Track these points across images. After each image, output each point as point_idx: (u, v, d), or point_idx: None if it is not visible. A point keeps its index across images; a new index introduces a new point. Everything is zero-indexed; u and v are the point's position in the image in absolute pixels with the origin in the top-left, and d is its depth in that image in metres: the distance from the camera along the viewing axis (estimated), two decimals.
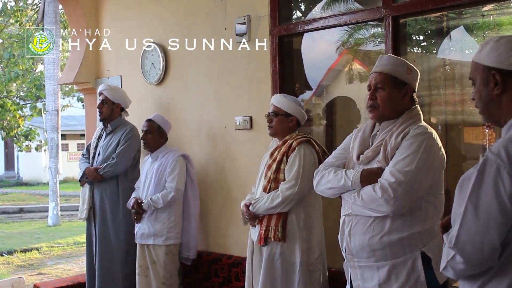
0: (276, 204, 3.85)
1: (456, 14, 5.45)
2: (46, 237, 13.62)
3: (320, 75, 5.96)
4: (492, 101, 2.09)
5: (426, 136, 2.87)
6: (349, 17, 4.53)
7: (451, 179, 5.24)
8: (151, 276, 5.04)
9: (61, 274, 9.45)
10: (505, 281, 1.93)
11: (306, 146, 3.97)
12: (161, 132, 5.20)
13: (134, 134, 5.46)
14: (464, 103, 5.48)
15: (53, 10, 15.91)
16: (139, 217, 5.10)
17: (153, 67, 5.91)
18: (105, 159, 5.40)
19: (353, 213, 2.94)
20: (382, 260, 2.87)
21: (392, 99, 2.98)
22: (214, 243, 5.39)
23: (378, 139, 2.99)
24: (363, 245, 2.89)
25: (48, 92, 16.45)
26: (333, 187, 3.04)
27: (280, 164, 3.96)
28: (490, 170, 1.90)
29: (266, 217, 3.93)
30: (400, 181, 2.74)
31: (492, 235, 1.89)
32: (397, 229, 2.83)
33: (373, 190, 2.81)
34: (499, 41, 2.08)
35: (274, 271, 3.91)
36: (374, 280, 2.90)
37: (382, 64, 3.03)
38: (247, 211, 4.02)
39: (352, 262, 2.99)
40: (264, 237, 3.90)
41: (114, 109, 5.51)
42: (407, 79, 3.01)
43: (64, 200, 20.07)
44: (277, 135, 4.14)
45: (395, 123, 2.97)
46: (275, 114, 4.09)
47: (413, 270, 2.83)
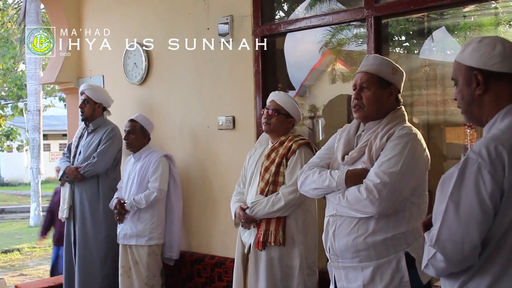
0: (277, 208, 3.78)
1: (437, 15, 5.49)
2: (28, 237, 13.54)
3: (303, 75, 5.97)
4: (474, 101, 2.11)
5: (411, 137, 2.87)
6: (331, 18, 4.54)
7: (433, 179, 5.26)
8: (134, 277, 5.02)
9: (42, 275, 9.39)
10: (486, 280, 1.94)
11: (306, 149, 3.92)
12: (143, 133, 5.18)
13: (115, 133, 5.43)
14: (446, 103, 5.51)
15: (34, 10, 15.82)
16: (122, 217, 5.08)
17: (135, 67, 5.89)
18: (86, 158, 5.36)
19: (338, 214, 2.93)
20: (366, 260, 2.87)
21: (377, 99, 2.98)
22: (197, 243, 5.38)
23: (363, 140, 2.99)
24: (348, 246, 2.88)
25: (29, 92, 16.35)
26: (317, 187, 3.02)
27: (280, 167, 3.89)
28: (471, 169, 1.91)
29: (265, 221, 3.85)
30: (385, 182, 2.74)
31: (472, 233, 1.90)
32: (381, 229, 2.83)
33: (358, 191, 2.80)
34: (481, 41, 2.09)
35: (274, 275, 3.85)
36: (358, 280, 2.90)
37: (368, 64, 3.03)
38: (244, 214, 3.91)
39: (336, 263, 2.99)
40: (263, 241, 3.83)
41: (96, 108, 5.48)
42: (393, 79, 3.01)
43: (46, 200, 19.79)
44: (272, 133, 4.06)
45: (380, 123, 2.97)
46: (277, 111, 4.01)
47: (397, 270, 2.84)
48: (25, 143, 22.61)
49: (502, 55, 2.04)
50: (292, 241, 3.84)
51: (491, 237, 1.92)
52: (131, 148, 5.21)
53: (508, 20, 5.39)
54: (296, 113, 4.07)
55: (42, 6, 14.82)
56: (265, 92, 4.76)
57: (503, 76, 2.05)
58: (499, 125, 2.03)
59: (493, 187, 1.88)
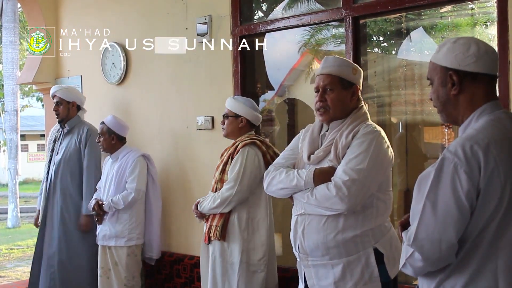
0: (216, 204, 3.94)
1: (415, 15, 5.53)
2: (5, 239, 13.40)
3: (282, 75, 5.99)
4: (450, 101, 2.12)
5: (376, 134, 2.92)
6: (310, 18, 4.55)
7: (411, 178, 5.31)
8: (113, 278, 4.99)
9: (20, 276, 9.29)
10: (463, 278, 1.97)
11: (250, 147, 4.00)
12: (111, 134, 5.13)
13: (92, 135, 5.38)
14: (423, 103, 5.56)
15: (11, 9, 15.69)
16: (100, 218, 5.05)
17: (113, 66, 5.85)
18: (65, 160, 5.34)
19: (306, 213, 2.96)
20: (336, 258, 2.90)
21: (342, 100, 3.01)
22: (176, 243, 5.37)
23: (328, 139, 3.02)
24: (318, 244, 2.91)
25: (6, 92, 16.22)
26: (285, 187, 3.04)
27: (226, 166, 4.04)
28: (448, 169, 1.93)
29: (211, 217, 4.03)
30: (354, 179, 2.78)
31: (449, 232, 1.92)
32: (350, 226, 2.87)
33: (327, 189, 2.83)
34: (456, 42, 2.11)
35: (216, 270, 3.99)
36: (329, 278, 2.93)
37: (329, 66, 3.05)
38: (194, 209, 4.11)
39: (306, 261, 3.01)
40: (208, 236, 4.01)
41: (70, 108, 5.44)
42: (354, 79, 3.05)
43: (23, 201, 19.75)
44: (230, 136, 4.20)
45: (343, 122, 3.01)
46: (226, 116, 4.17)
47: (367, 266, 2.89)
48: (2, 144, 22.42)
49: (476, 56, 2.06)
50: (233, 237, 3.95)
51: (468, 235, 1.94)
52: (104, 150, 5.20)
53: (485, 21, 5.45)
54: (246, 111, 4.13)
55: (19, 5, 14.69)
56: (244, 92, 4.77)
57: (477, 76, 2.07)
58: (474, 125, 2.05)
59: (469, 186, 1.90)
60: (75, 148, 5.35)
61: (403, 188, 5.25)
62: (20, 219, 16.00)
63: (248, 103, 4.17)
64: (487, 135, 1.96)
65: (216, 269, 3.98)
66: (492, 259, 1.94)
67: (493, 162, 1.91)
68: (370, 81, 5.36)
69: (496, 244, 1.94)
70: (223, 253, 3.96)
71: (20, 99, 18.20)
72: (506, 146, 1.95)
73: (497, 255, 1.94)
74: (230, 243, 3.94)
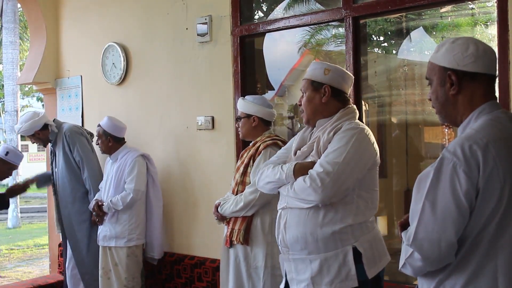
0: (239, 208, 3.84)
1: (415, 15, 5.53)
2: (6, 239, 13.42)
3: (282, 75, 5.99)
4: (448, 101, 2.13)
5: (357, 131, 2.95)
6: (310, 18, 4.55)
7: (411, 178, 5.31)
8: (113, 278, 4.99)
9: (21, 277, 9.31)
10: (463, 278, 1.97)
11: (272, 149, 3.92)
12: (107, 136, 5.14)
13: (71, 132, 5.42)
14: (424, 103, 5.56)
15: (11, 9, 15.70)
16: (101, 219, 5.06)
17: (114, 67, 5.85)
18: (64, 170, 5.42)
19: (288, 206, 3.01)
20: (314, 253, 2.93)
21: (311, 101, 3.12)
22: (177, 243, 5.37)
23: (313, 136, 3.10)
24: (297, 238, 2.95)
25: (6, 92, 16.22)
26: (270, 181, 3.10)
27: (247, 168, 3.96)
28: (447, 169, 1.93)
29: (233, 219, 3.92)
30: (328, 171, 2.82)
31: (449, 232, 1.93)
32: (330, 222, 2.90)
33: (304, 181, 2.88)
34: (455, 42, 2.12)
35: (240, 275, 3.90)
36: (307, 272, 2.96)
37: (307, 71, 3.18)
38: (215, 212, 4.01)
39: (287, 255, 3.05)
40: (230, 239, 3.91)
41: (42, 133, 5.46)
42: (324, 79, 3.11)
43: (24, 202, 19.76)
44: (247, 137, 4.17)
45: (329, 120, 3.07)
46: (239, 118, 4.15)
47: (344, 264, 2.90)
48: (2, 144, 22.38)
49: (475, 56, 2.06)
50: (257, 241, 3.87)
51: (467, 235, 1.95)
52: (103, 152, 5.23)
53: (485, 21, 5.46)
54: (256, 109, 4.09)
55: (19, 5, 14.69)
56: (244, 92, 4.77)
57: (476, 76, 2.08)
58: (473, 125, 2.05)
59: (468, 186, 1.90)
60: (68, 154, 5.41)
61: (403, 188, 5.25)
62: (21, 219, 16.00)
63: (258, 101, 4.13)
64: (486, 134, 1.96)
65: (241, 274, 3.89)
66: (492, 258, 1.94)
67: (492, 161, 1.91)
68: (370, 81, 5.37)
69: (496, 244, 1.94)
70: (246, 257, 3.88)
71: (20, 99, 18.21)
72: (505, 146, 1.96)
73: (497, 254, 1.94)
74: (254, 247, 3.86)
